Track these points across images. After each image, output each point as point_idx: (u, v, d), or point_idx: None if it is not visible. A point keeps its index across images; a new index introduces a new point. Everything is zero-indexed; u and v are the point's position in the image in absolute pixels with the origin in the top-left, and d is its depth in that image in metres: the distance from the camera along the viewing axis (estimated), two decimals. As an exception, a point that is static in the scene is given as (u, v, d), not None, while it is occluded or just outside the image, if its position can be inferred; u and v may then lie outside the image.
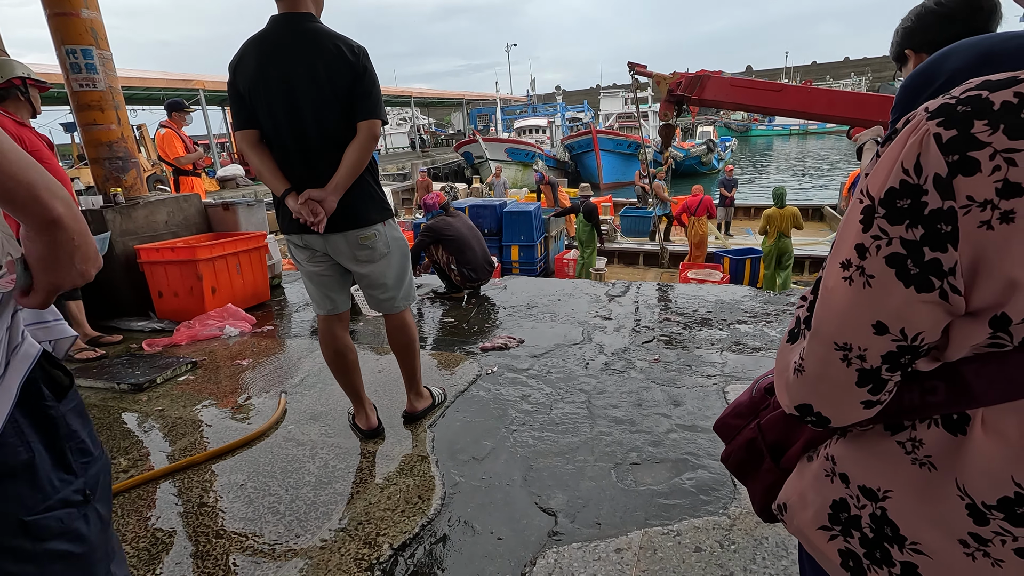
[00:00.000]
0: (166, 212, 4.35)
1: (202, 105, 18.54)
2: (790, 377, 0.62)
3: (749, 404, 0.83)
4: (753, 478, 0.79)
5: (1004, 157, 0.44)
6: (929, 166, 0.47)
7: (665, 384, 2.70)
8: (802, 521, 0.67)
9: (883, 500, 0.58)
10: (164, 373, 3.05)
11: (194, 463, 2.19)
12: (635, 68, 7.08)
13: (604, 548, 1.64)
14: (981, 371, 0.50)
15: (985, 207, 0.45)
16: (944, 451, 0.53)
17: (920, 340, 0.51)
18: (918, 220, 0.48)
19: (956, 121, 0.46)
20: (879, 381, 0.54)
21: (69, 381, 0.88)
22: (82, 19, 3.85)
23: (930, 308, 0.50)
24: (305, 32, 1.91)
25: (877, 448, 0.60)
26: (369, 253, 2.10)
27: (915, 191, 0.48)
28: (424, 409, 2.46)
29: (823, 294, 0.57)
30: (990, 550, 0.51)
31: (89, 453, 0.88)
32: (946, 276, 0.48)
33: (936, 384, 0.53)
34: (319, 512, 1.87)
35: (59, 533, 0.81)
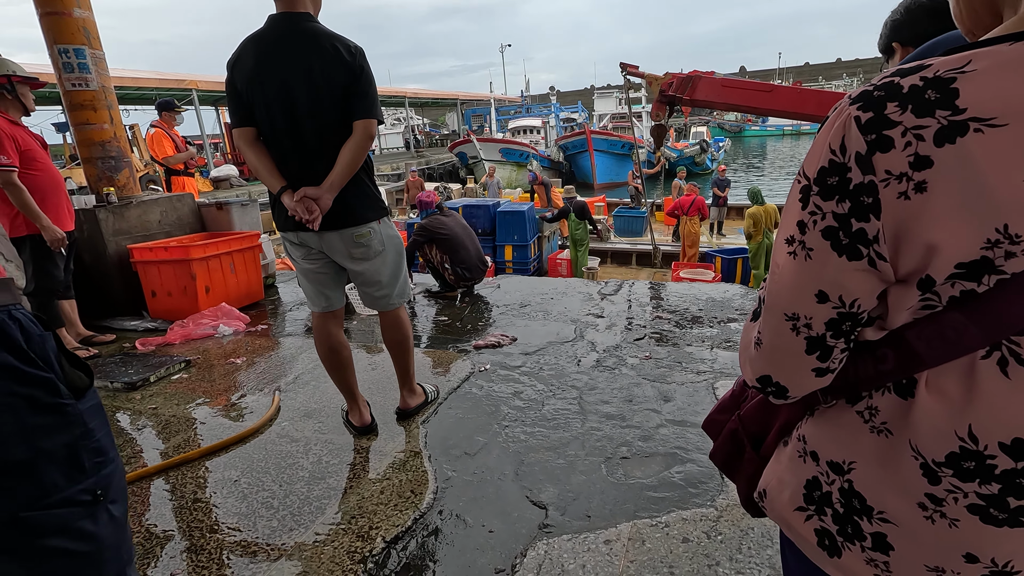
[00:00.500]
0: (159, 212, 4.35)
1: (195, 105, 18.46)
2: (752, 351, 0.66)
3: (731, 398, 0.86)
4: (738, 471, 0.81)
5: (913, 133, 0.48)
6: (851, 145, 0.51)
7: (656, 380, 2.73)
8: (780, 505, 0.69)
9: (849, 472, 0.61)
10: (157, 372, 3.05)
11: (188, 460, 2.21)
12: (627, 69, 7.12)
13: (594, 540, 1.67)
14: (921, 334, 0.53)
15: (901, 179, 0.49)
16: (897, 416, 0.57)
17: (857, 306, 0.56)
18: (845, 195, 0.52)
19: (872, 104, 0.51)
20: (826, 348, 0.58)
21: (88, 381, 0.89)
22: (74, 18, 3.85)
23: (861, 275, 0.54)
24: (303, 31, 1.93)
25: (840, 421, 0.63)
26: (364, 251, 2.12)
27: (841, 168, 0.52)
28: (417, 406, 2.48)
29: (773, 269, 0.61)
30: (946, 509, 0.54)
31: (103, 453, 0.88)
32: (871, 244, 0.52)
33: (885, 352, 0.57)
34: (312, 507, 1.89)
35: (58, 530, 0.81)
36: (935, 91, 0.48)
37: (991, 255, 0.47)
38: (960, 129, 0.47)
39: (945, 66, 0.49)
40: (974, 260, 0.48)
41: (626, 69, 7.16)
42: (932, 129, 0.48)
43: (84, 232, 3.93)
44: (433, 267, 4.57)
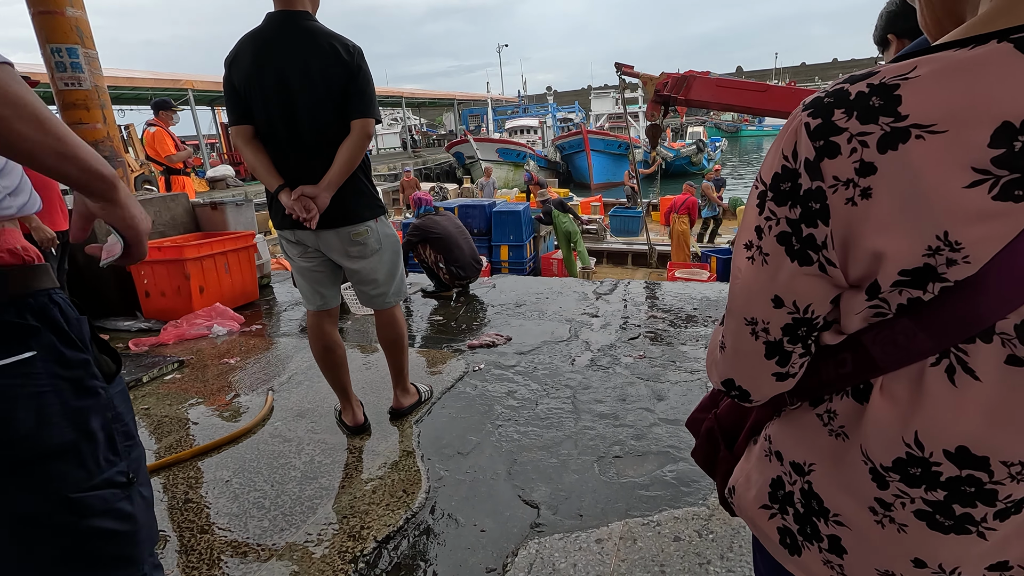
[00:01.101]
0: (153, 212, 4.33)
1: (191, 105, 18.41)
2: (717, 355, 0.66)
3: (711, 397, 0.87)
4: (715, 469, 0.81)
5: (859, 140, 0.49)
6: (802, 151, 0.52)
7: (649, 379, 2.73)
8: (746, 502, 0.70)
9: (809, 474, 0.61)
10: (150, 372, 3.04)
11: (179, 460, 2.20)
12: (622, 69, 7.13)
13: (585, 539, 1.67)
14: (876, 339, 0.54)
15: (848, 185, 0.49)
16: (852, 419, 0.57)
17: (811, 312, 0.56)
18: (797, 200, 0.53)
19: (821, 110, 0.51)
20: (784, 353, 0.59)
21: (116, 367, 0.91)
22: (67, 17, 3.83)
23: (813, 280, 0.54)
24: (301, 30, 1.93)
25: (801, 423, 0.63)
26: (361, 249, 2.12)
27: (793, 174, 0.53)
28: (410, 405, 2.48)
29: (734, 274, 0.62)
30: (894, 514, 0.55)
31: (132, 437, 0.91)
32: (821, 250, 0.52)
33: (845, 356, 0.57)
34: (304, 506, 1.88)
35: (103, 512, 0.84)
36: (879, 97, 0.49)
37: (933, 262, 0.48)
38: (902, 136, 0.47)
39: (891, 72, 0.49)
40: (917, 267, 0.48)
41: (621, 69, 7.17)
42: (876, 135, 0.48)
43: (77, 232, 3.91)
44: (428, 267, 4.56)
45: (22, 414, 0.76)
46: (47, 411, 0.78)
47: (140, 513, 0.89)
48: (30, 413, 0.77)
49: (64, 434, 0.80)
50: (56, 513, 0.80)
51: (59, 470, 0.80)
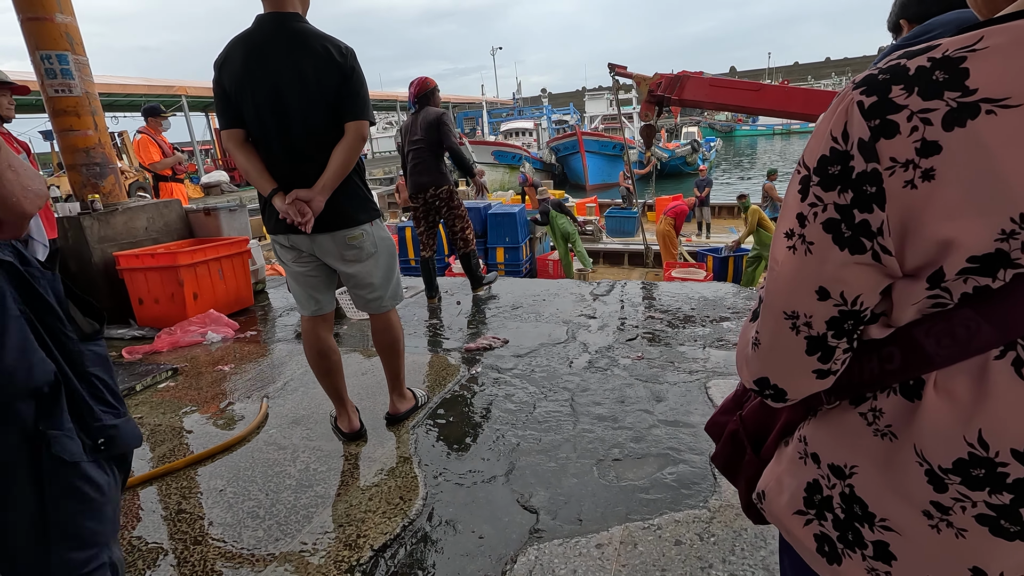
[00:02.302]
0: (146, 218, 4.30)
1: (185, 111, 18.36)
2: (749, 352, 0.63)
3: (734, 398, 0.83)
4: (738, 474, 0.78)
5: (920, 118, 0.45)
6: (854, 132, 0.48)
7: (648, 381, 2.71)
8: (778, 507, 0.67)
9: (850, 477, 0.58)
10: (144, 380, 3.01)
11: (173, 469, 2.17)
12: (615, 69, 7.13)
13: (585, 544, 1.65)
14: (931, 332, 0.50)
15: (908, 167, 0.46)
16: (902, 418, 0.53)
17: (860, 304, 0.53)
18: (848, 184, 0.49)
19: (876, 88, 0.48)
20: (827, 348, 0.55)
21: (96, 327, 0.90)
22: (56, 24, 3.80)
23: (865, 270, 0.51)
24: (293, 32, 1.90)
25: (842, 423, 0.60)
26: (356, 253, 2.10)
27: (843, 157, 0.49)
28: (407, 411, 2.45)
29: (771, 266, 0.58)
30: (952, 519, 0.51)
31: (110, 405, 0.89)
32: (875, 236, 0.49)
33: (892, 351, 0.54)
34: (299, 515, 1.85)
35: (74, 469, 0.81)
36: (944, 71, 0.45)
37: (1006, 247, 0.44)
38: (971, 111, 0.43)
39: (955, 45, 0.46)
40: (988, 253, 0.45)
41: (615, 70, 7.17)
42: (940, 112, 0.45)
43: (69, 240, 3.88)
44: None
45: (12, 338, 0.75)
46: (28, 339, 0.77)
47: (109, 488, 0.87)
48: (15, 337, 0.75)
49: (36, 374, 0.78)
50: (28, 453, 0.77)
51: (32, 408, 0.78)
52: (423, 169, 4.20)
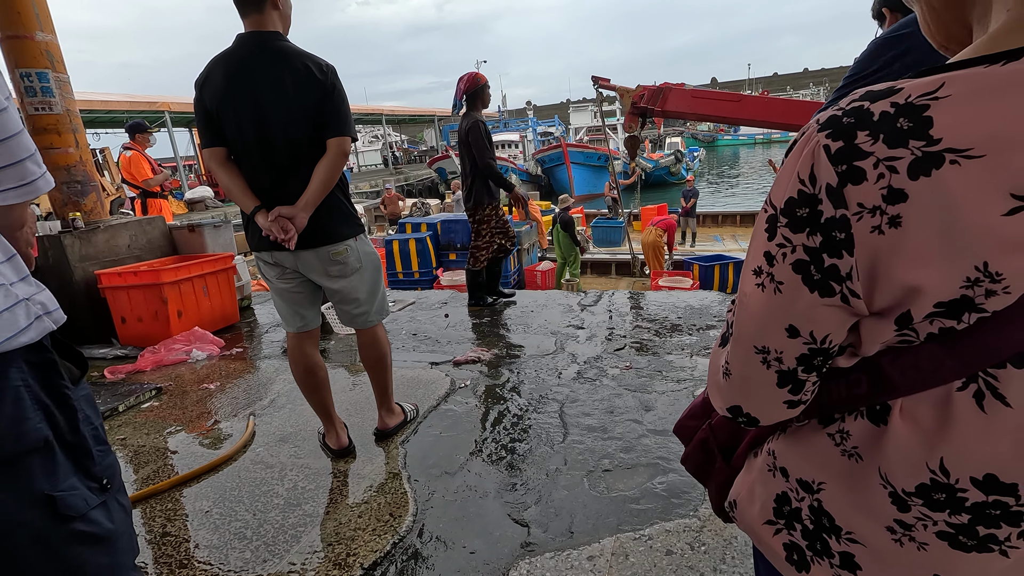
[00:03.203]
0: (128, 236, 4.25)
1: (168, 127, 18.24)
2: (720, 380, 0.64)
3: (703, 405, 0.84)
4: (709, 479, 0.80)
5: (886, 165, 0.46)
6: (821, 176, 0.49)
7: (637, 390, 2.72)
8: (750, 516, 0.68)
9: (818, 492, 0.60)
10: (127, 401, 2.96)
11: (157, 491, 2.13)
12: (599, 82, 7.22)
13: (577, 556, 1.64)
14: (895, 362, 0.52)
15: (875, 213, 0.47)
16: (868, 441, 0.55)
17: (829, 342, 0.54)
18: (816, 228, 0.50)
19: (841, 132, 0.48)
20: (797, 382, 0.57)
21: (80, 372, 0.90)
22: (36, 42, 3.77)
23: (833, 312, 0.52)
24: (273, 50, 1.92)
25: (810, 441, 0.61)
26: (341, 268, 2.10)
27: (812, 200, 0.50)
28: (396, 426, 2.43)
29: (740, 299, 0.59)
30: (915, 534, 0.53)
31: (104, 442, 0.90)
32: (844, 281, 0.50)
33: (859, 377, 0.55)
34: (287, 535, 1.83)
35: (82, 515, 0.82)
36: (908, 119, 0.46)
37: (971, 294, 0.45)
38: (935, 161, 0.44)
39: (917, 91, 0.46)
40: (954, 299, 0.46)
41: (598, 82, 7.27)
42: (906, 161, 0.45)
43: (49, 259, 3.82)
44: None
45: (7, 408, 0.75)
46: (23, 405, 0.77)
47: (119, 521, 0.88)
48: (9, 407, 0.76)
49: (39, 430, 0.78)
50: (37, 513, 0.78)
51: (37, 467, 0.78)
52: (463, 183, 4.22)
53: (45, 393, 0.80)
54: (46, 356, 0.82)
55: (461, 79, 4.16)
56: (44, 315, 0.83)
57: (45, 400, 0.80)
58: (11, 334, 0.76)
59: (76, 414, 0.84)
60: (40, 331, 0.81)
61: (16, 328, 0.77)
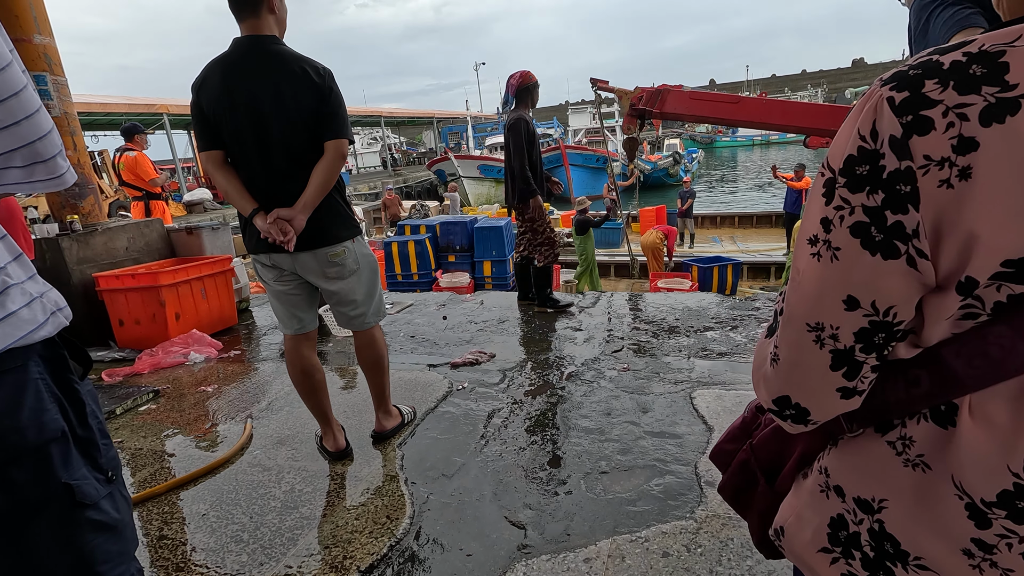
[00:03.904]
0: (126, 238, 4.25)
1: (167, 129, 18.24)
2: (767, 370, 0.59)
3: (742, 426, 0.78)
4: (750, 506, 0.73)
5: (956, 113, 0.44)
6: (884, 129, 0.46)
7: (634, 392, 2.73)
8: (800, 545, 0.62)
9: (879, 512, 0.54)
10: (124, 403, 2.95)
11: (154, 494, 2.12)
12: (597, 84, 7.23)
13: (573, 559, 1.64)
14: (961, 351, 0.47)
15: (943, 165, 0.44)
16: (936, 447, 0.49)
17: (892, 315, 0.49)
18: (878, 184, 0.47)
19: (907, 83, 0.46)
20: (853, 363, 0.52)
21: (84, 369, 0.92)
22: (34, 45, 3.78)
23: (898, 277, 0.48)
24: (270, 54, 1.93)
25: (868, 453, 0.55)
26: (339, 270, 2.10)
27: (873, 156, 0.47)
28: (393, 428, 2.43)
29: (793, 277, 0.55)
30: (997, 558, 0.47)
31: (107, 435, 0.93)
32: (910, 239, 0.46)
33: (918, 373, 0.50)
34: (284, 538, 1.82)
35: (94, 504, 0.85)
36: (981, 66, 0.43)
37: None
38: (1010, 107, 0.42)
39: (992, 40, 0.44)
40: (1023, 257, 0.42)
41: (597, 84, 7.28)
42: (977, 107, 0.43)
43: (47, 262, 3.82)
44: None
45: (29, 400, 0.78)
46: (42, 397, 0.80)
47: (124, 511, 0.91)
48: (31, 398, 0.78)
49: (56, 421, 0.81)
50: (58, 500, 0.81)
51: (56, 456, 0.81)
52: (506, 180, 4.18)
53: (58, 387, 0.83)
54: (58, 352, 0.84)
55: (513, 76, 4.13)
56: (57, 311, 0.85)
57: (58, 393, 0.83)
58: (32, 328, 0.79)
59: (85, 408, 0.87)
60: (56, 326, 0.83)
61: (36, 323, 0.80)
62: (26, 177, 0.81)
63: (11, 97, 0.76)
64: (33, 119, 0.79)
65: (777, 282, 9.86)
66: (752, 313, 3.82)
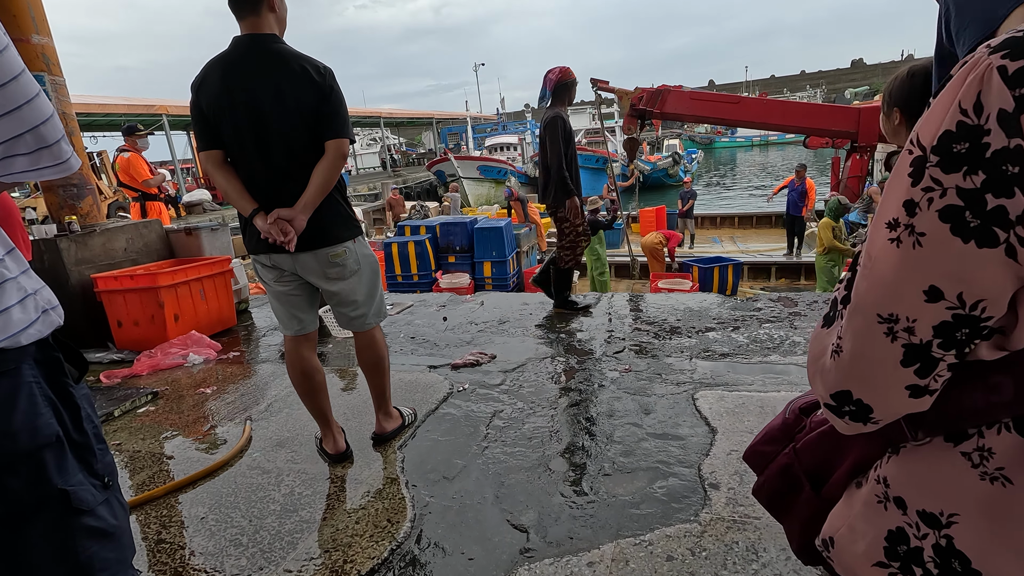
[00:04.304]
0: (125, 239, 4.23)
1: (166, 130, 18.23)
2: (826, 362, 0.54)
3: (782, 427, 0.73)
4: (789, 512, 0.69)
5: None
6: (992, 102, 0.42)
7: (636, 393, 2.71)
8: (852, 557, 0.58)
9: (948, 527, 0.50)
10: (122, 405, 2.93)
11: (152, 498, 2.10)
12: (598, 84, 7.23)
13: (576, 563, 1.63)
14: None
15: None
16: (1019, 460, 0.46)
17: (981, 309, 0.45)
18: (978, 164, 0.42)
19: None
20: (928, 360, 0.47)
21: (80, 372, 0.91)
22: (33, 45, 3.76)
23: (994, 267, 0.43)
24: (270, 53, 1.91)
25: (937, 463, 0.51)
26: (339, 270, 2.09)
27: (975, 132, 0.42)
28: (394, 430, 2.41)
29: (865, 263, 0.51)
30: None
31: (103, 440, 0.91)
32: (1013, 226, 0.42)
33: (1002, 380, 0.46)
34: (284, 542, 1.80)
35: (91, 510, 0.83)
36: None
37: None
38: None
39: None
40: None
41: (597, 85, 7.27)
42: None
43: (45, 263, 3.80)
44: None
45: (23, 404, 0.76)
46: (36, 401, 0.79)
47: (121, 517, 0.89)
48: (24, 402, 0.77)
49: (51, 426, 0.79)
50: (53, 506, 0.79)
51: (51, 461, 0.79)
52: (540, 178, 4.10)
53: (52, 390, 0.82)
54: (52, 354, 0.83)
55: (552, 71, 4.04)
56: (50, 309, 0.83)
57: (52, 397, 0.81)
58: (23, 327, 0.77)
59: (80, 412, 0.85)
60: (48, 325, 0.82)
61: (27, 321, 0.78)
62: (32, 164, 0.79)
63: (11, 81, 0.73)
64: (34, 103, 0.77)
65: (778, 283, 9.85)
66: (753, 314, 3.80)
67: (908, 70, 1.49)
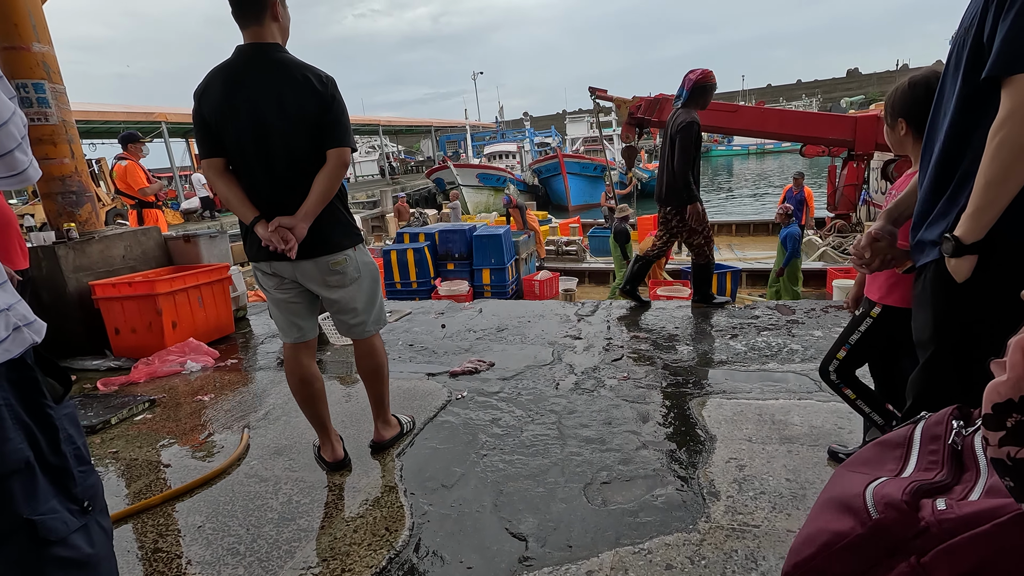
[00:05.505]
0: (123, 246, 4.23)
1: (165, 138, 18.26)
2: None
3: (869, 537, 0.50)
4: None
5: None
6: None
7: (634, 401, 2.71)
8: None
9: None
10: (119, 413, 2.92)
11: (149, 506, 2.09)
12: (596, 93, 7.27)
13: (575, 571, 1.62)
14: None
15: None
16: None
17: None
18: None
19: None
20: None
21: (64, 390, 0.87)
22: (33, 53, 3.78)
23: None
24: (273, 62, 1.92)
25: None
26: (340, 278, 2.09)
27: None
28: (392, 438, 2.41)
29: None
30: None
31: (86, 461, 0.87)
32: None
33: None
34: (281, 551, 1.79)
35: (63, 540, 0.79)
36: None
37: None
38: None
39: None
40: None
41: (595, 93, 7.32)
42: None
43: (43, 270, 3.79)
44: None
45: None
46: (4, 426, 0.74)
47: (99, 544, 0.84)
48: None
49: (20, 451, 0.75)
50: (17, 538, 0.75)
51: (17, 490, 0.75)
52: (659, 179, 4.14)
53: (27, 413, 0.77)
54: (28, 374, 0.79)
55: (693, 71, 4.03)
56: (24, 326, 0.79)
57: (27, 420, 0.77)
58: None
59: (58, 434, 0.81)
60: (20, 344, 0.77)
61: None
62: None
63: None
64: None
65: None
66: (751, 321, 3.81)
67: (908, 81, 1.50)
